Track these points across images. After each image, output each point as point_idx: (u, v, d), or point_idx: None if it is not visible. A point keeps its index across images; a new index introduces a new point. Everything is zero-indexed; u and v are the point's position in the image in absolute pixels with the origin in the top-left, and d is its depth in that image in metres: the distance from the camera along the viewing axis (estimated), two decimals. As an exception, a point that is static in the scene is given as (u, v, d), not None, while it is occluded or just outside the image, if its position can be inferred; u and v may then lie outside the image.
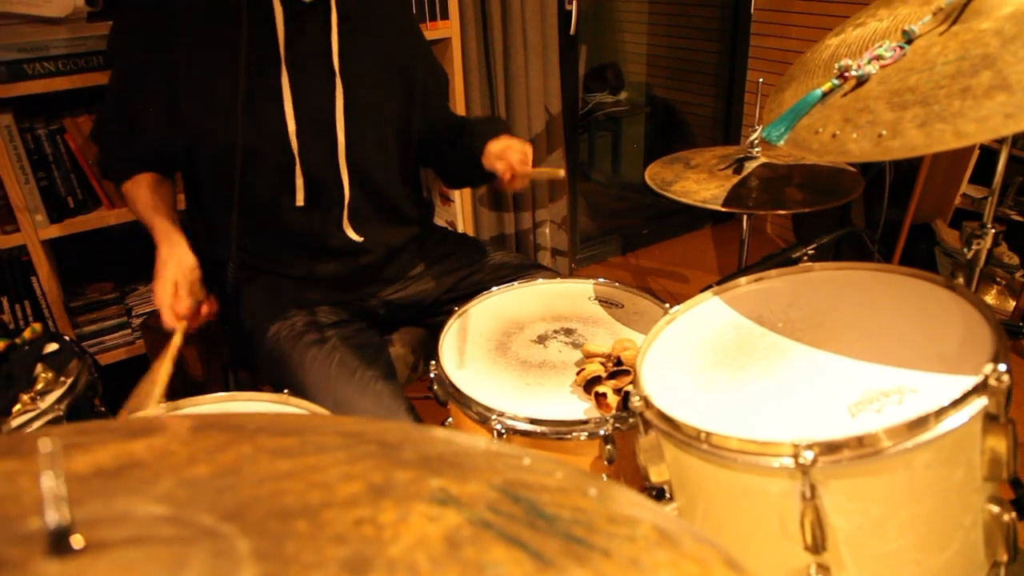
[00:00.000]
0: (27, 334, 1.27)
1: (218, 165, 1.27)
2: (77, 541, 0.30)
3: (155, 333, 1.82)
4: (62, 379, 1.18)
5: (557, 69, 2.44)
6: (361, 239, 1.35)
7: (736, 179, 1.37)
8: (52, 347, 1.24)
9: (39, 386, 1.15)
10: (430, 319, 1.43)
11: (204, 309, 1.24)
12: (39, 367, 1.19)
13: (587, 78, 3.67)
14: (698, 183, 1.37)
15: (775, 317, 0.90)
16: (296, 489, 0.38)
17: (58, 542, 0.30)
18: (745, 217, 1.65)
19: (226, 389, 1.45)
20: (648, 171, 1.49)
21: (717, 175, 1.40)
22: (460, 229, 2.21)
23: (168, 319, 1.18)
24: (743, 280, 0.99)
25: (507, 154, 1.26)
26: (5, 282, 1.78)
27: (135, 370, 1.89)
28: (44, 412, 1.12)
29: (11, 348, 1.22)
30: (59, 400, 1.14)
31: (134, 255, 2.06)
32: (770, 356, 0.84)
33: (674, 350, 0.90)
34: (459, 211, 2.20)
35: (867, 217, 2.32)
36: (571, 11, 2.45)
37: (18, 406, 1.12)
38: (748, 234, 1.65)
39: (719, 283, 0.98)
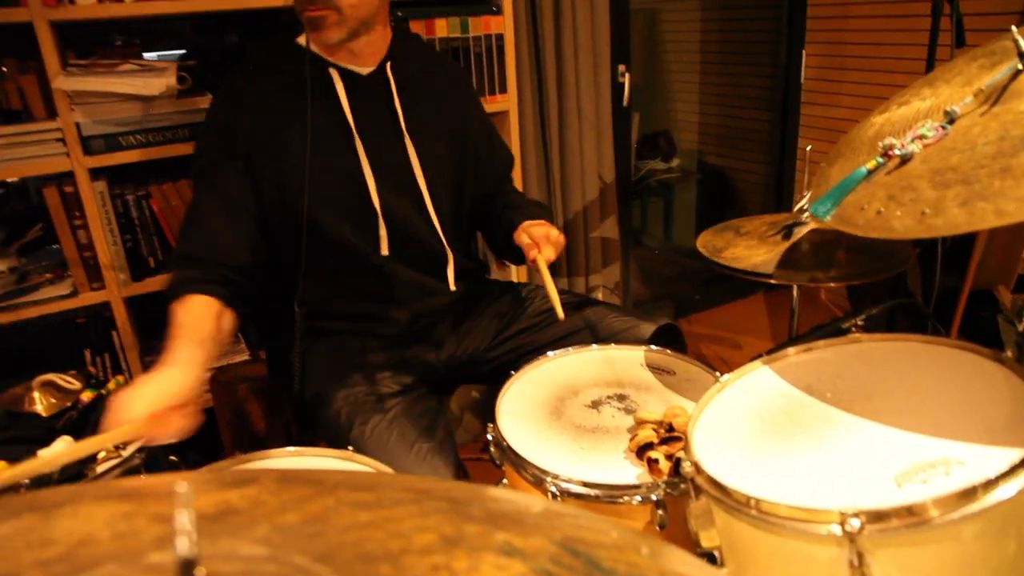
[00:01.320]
0: (111, 386, 1.36)
1: (296, 229, 1.34)
2: (200, 572, 0.35)
3: (223, 388, 1.91)
4: (141, 430, 1.26)
5: (611, 138, 2.52)
6: (455, 288, 1.45)
7: (786, 245, 1.40)
8: (134, 400, 1.32)
9: (121, 436, 1.23)
10: (486, 373, 1.48)
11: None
12: (122, 418, 1.27)
13: (640, 145, 3.75)
14: (748, 249, 1.41)
15: (823, 387, 0.93)
16: (377, 537, 0.42)
17: (186, 571, 0.35)
18: (795, 287, 1.67)
19: (288, 445, 1.51)
20: (700, 239, 1.53)
21: (767, 242, 1.44)
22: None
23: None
24: (791, 350, 1.01)
25: (534, 232, 1.37)
26: (89, 335, 1.90)
27: (204, 424, 1.98)
28: (125, 460, 1.19)
29: (98, 399, 1.31)
30: (139, 450, 1.21)
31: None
32: (818, 425, 0.86)
33: (724, 418, 0.93)
34: (514, 277, 2.26)
35: (924, 284, 2.30)
36: (624, 83, 2.54)
37: (103, 453, 1.19)
38: (799, 302, 1.67)
39: (768, 353, 1.01)
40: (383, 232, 1.36)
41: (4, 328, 1.78)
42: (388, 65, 1.37)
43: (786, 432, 0.87)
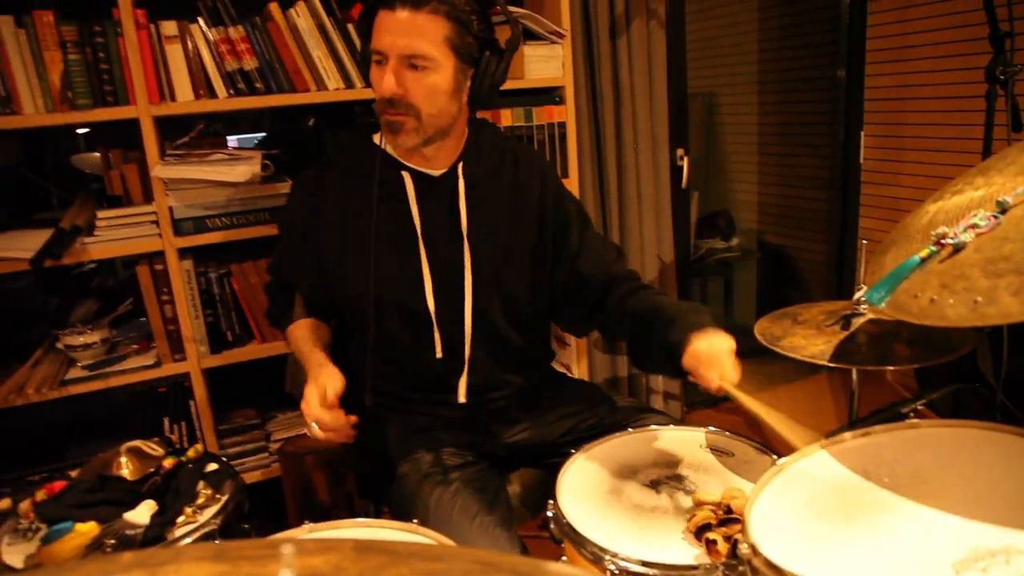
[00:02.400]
0: (191, 453, 1.44)
1: (360, 319, 1.41)
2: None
3: (290, 458, 1.98)
4: (217, 496, 1.33)
5: (670, 219, 2.58)
6: (464, 400, 1.44)
7: (844, 334, 1.41)
8: (212, 467, 1.40)
9: (199, 501, 1.30)
10: (547, 461, 1.49)
11: (350, 420, 1.27)
12: (200, 484, 1.34)
13: (699, 224, 3.80)
14: (806, 338, 1.42)
15: (881, 472, 0.94)
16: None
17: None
18: (854, 371, 1.67)
19: (351, 515, 1.55)
20: (757, 327, 1.54)
21: (825, 331, 1.45)
22: (575, 371, 2.30)
23: (315, 423, 1.24)
24: (848, 435, 1.02)
25: (716, 363, 1.15)
26: (168, 404, 2.00)
27: (269, 492, 2.05)
28: (202, 525, 1.25)
29: (179, 466, 1.38)
30: (215, 515, 1.28)
31: (277, 385, 2.26)
32: (875, 510, 0.87)
33: (782, 501, 0.94)
34: (574, 354, 2.30)
35: (995, 364, 2.24)
36: (683, 166, 2.61)
37: (182, 517, 1.26)
38: (863, 384, 1.66)
39: (826, 437, 1.02)
40: (437, 335, 1.40)
41: (94, 395, 1.90)
42: (460, 166, 1.40)
43: (843, 517, 0.87)
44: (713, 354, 1.16)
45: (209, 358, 1.95)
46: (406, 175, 1.38)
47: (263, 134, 2.43)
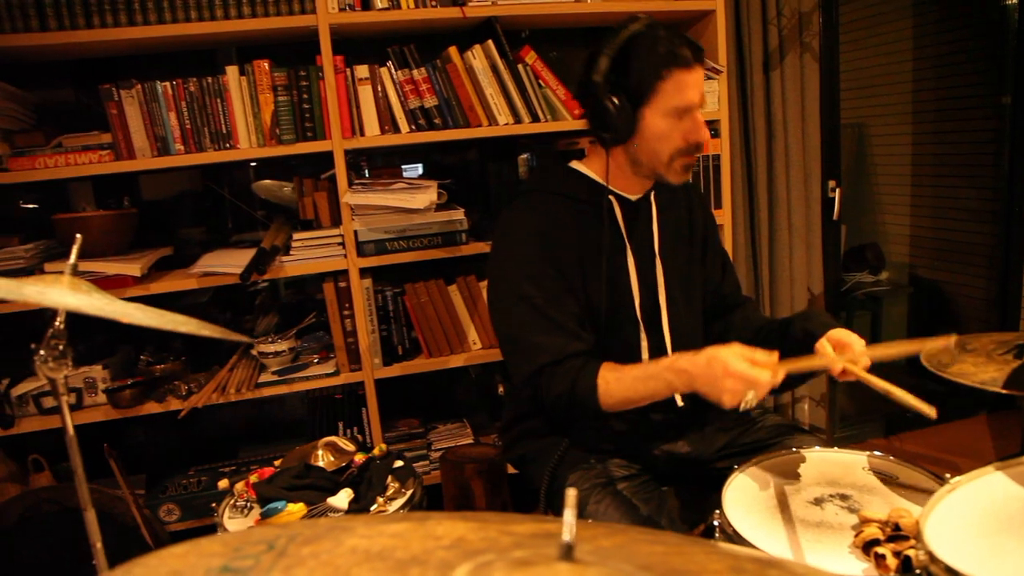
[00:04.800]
0: (376, 451, 1.60)
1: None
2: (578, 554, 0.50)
3: (451, 466, 2.12)
4: (403, 490, 1.47)
5: (820, 251, 2.58)
6: (682, 403, 1.54)
7: (1017, 363, 1.39)
8: (398, 463, 1.55)
9: (389, 492, 1.45)
10: (704, 476, 1.56)
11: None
12: (389, 478, 1.49)
13: (846, 257, 3.71)
14: (976, 367, 1.41)
15: (1063, 496, 0.95)
16: (677, 562, 0.56)
17: (567, 553, 0.50)
18: (1028, 402, 1.62)
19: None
20: (924, 354, 1.54)
21: (996, 359, 1.44)
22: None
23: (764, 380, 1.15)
24: (1027, 459, 1.03)
25: (848, 349, 1.32)
26: (343, 410, 2.20)
27: (428, 498, 2.20)
28: (409, 501, 1.40)
29: (369, 461, 1.54)
30: (402, 506, 1.42)
31: (437, 398, 2.43)
32: (1058, 532, 0.88)
33: (956, 515, 0.97)
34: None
35: None
36: (834, 198, 2.60)
37: (375, 506, 1.41)
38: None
39: (1001, 460, 1.04)
40: (644, 344, 1.52)
41: (278, 398, 2.12)
42: (652, 193, 1.56)
43: (1021, 534, 0.89)
44: (847, 342, 1.33)
45: (382, 370, 2.13)
46: (612, 199, 1.52)
47: (412, 164, 2.60)
